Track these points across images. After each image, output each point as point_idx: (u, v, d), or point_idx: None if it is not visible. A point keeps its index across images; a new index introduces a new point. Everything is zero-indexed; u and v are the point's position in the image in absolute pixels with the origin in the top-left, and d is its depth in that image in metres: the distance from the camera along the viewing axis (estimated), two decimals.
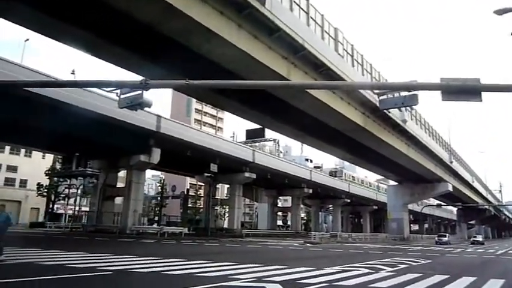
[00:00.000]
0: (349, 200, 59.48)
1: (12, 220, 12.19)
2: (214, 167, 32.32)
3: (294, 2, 18.80)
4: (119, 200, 31.97)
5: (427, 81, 9.44)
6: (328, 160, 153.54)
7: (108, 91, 10.94)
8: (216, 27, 14.85)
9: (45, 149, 38.88)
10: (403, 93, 9.91)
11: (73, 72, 20.79)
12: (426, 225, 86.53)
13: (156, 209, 59.15)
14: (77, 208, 45.77)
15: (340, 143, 32.24)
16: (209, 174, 31.79)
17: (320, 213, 70.19)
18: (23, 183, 57.54)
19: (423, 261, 15.04)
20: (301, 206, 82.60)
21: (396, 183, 50.67)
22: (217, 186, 52.38)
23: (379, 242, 37.52)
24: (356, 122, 26.41)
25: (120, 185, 31.79)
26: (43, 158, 55.79)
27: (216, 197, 44.47)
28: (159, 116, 28.20)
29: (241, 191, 39.50)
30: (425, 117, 35.26)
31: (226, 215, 50.12)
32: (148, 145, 28.13)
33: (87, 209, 41.71)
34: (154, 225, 35.06)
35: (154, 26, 13.90)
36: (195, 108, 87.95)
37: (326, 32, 21.67)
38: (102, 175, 30.98)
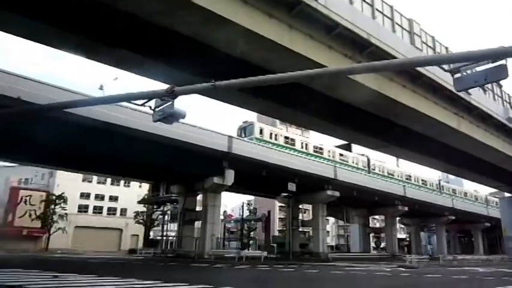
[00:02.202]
0: (453, 217, 52.51)
1: None
2: (292, 186, 30.64)
3: None
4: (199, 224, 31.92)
5: None
6: (430, 174, 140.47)
7: (139, 105, 10.15)
8: (266, 31, 13.67)
9: (129, 177, 41.33)
10: (484, 67, 7.47)
11: (101, 88, 20.68)
12: None
13: (251, 233, 58.89)
14: (166, 233, 47.15)
15: (435, 153, 28.35)
16: (286, 194, 30.14)
17: (422, 233, 63.45)
18: (123, 211, 61.95)
19: None
20: (399, 225, 76.47)
21: (510, 195, 43.31)
22: (306, 207, 50.29)
23: (494, 265, 31.69)
24: (447, 124, 22.85)
25: (199, 209, 31.79)
26: (140, 187, 59.56)
27: (300, 218, 42.26)
28: (230, 137, 27.72)
29: (324, 211, 36.94)
30: None
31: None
32: (222, 167, 27.68)
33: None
34: (237, 249, 34.11)
35: (196, 37, 13.14)
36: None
37: (398, 24, 19.19)
38: (181, 200, 31.32)
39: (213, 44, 13.27)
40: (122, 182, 63.11)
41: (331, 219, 76.44)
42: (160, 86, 10.69)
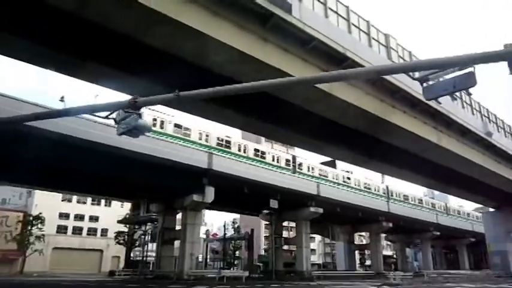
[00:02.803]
0: (438, 233, 52.39)
1: None
2: (274, 203, 30.14)
3: (330, 9, 16.90)
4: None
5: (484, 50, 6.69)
6: (415, 190, 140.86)
7: (103, 117, 9.67)
8: (239, 44, 13.42)
9: (108, 195, 40.37)
10: (452, 75, 7.28)
11: (62, 99, 20.16)
12: None
13: (236, 252, 57.63)
14: (146, 254, 45.88)
15: (418, 168, 28.25)
16: (268, 211, 29.59)
17: (408, 249, 63.10)
18: (104, 232, 60.29)
19: None
20: (386, 242, 75.87)
21: (493, 210, 43.46)
22: (291, 224, 49.44)
23: (478, 280, 31.42)
24: (427, 139, 22.79)
25: (179, 228, 30.92)
26: (122, 207, 58.06)
27: (285, 235, 41.58)
28: (210, 153, 27.22)
29: (308, 228, 36.36)
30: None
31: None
32: (201, 184, 27.05)
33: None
34: (218, 270, 33.19)
35: (166, 49, 12.81)
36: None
37: (374, 39, 19.23)
38: (160, 218, 30.46)
39: (186, 57, 12.94)
40: (103, 201, 61.60)
41: (318, 237, 75.69)
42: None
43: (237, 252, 57.77)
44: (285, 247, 42.79)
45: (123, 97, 19.99)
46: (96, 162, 22.25)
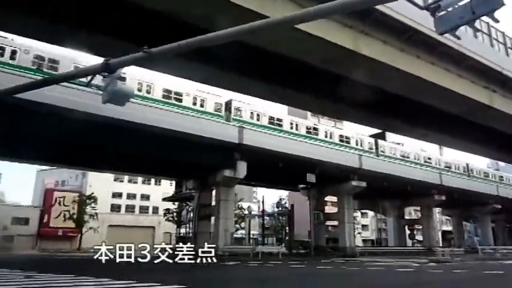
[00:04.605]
0: (499, 206, 48.17)
1: None
2: (311, 178, 28.83)
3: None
4: None
5: None
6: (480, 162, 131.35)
7: (85, 85, 9.00)
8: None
9: (149, 174, 41.28)
10: None
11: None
12: None
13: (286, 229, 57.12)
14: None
15: (475, 137, 25.42)
16: (304, 186, 28.37)
17: (469, 224, 58.94)
18: (155, 210, 62.40)
19: None
20: (445, 217, 71.40)
21: None
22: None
23: None
24: (478, 101, 20.12)
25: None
26: (171, 185, 59.58)
27: (330, 211, 40.18)
28: (241, 127, 26.33)
29: (350, 203, 34.73)
30: None
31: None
32: (233, 159, 26.39)
33: None
34: (252, 246, 32.68)
35: None
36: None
37: None
38: (196, 195, 30.41)
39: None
40: (153, 180, 63.63)
41: (371, 213, 73.28)
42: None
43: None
44: (334, 223, 41.16)
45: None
46: (135, 141, 22.63)
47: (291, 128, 30.44)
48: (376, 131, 40.74)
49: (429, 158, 42.93)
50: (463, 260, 25.21)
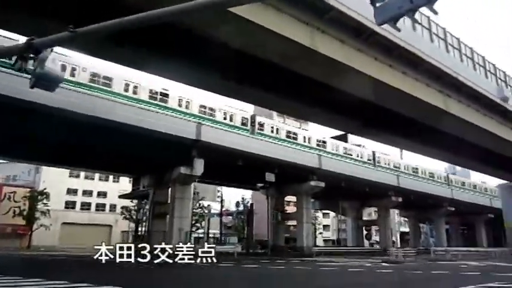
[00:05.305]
0: (453, 209, 49.96)
1: None
2: (270, 177, 28.56)
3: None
4: None
5: None
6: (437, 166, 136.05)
7: (11, 68, 8.10)
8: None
9: (105, 170, 39.90)
10: None
11: None
12: None
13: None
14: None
15: (429, 141, 25.98)
16: (262, 185, 28.07)
17: (425, 225, 60.84)
18: (113, 207, 60.31)
19: None
20: (402, 219, 73.40)
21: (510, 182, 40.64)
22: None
23: (491, 258, 29.41)
24: (435, 105, 20.43)
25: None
26: (129, 183, 57.67)
27: (289, 211, 40.13)
28: (199, 123, 25.63)
29: (308, 203, 34.77)
30: None
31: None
32: (190, 156, 25.64)
33: None
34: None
35: None
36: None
37: None
38: (151, 192, 29.42)
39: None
40: (111, 177, 61.43)
41: (332, 213, 74.35)
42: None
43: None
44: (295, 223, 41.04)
45: None
46: (91, 135, 21.79)
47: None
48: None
49: (373, 158, 42.85)
50: (414, 260, 25.73)
